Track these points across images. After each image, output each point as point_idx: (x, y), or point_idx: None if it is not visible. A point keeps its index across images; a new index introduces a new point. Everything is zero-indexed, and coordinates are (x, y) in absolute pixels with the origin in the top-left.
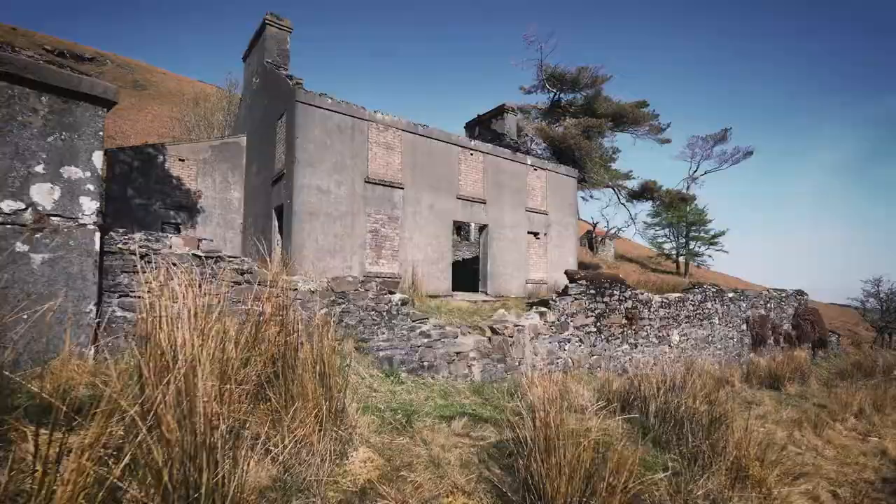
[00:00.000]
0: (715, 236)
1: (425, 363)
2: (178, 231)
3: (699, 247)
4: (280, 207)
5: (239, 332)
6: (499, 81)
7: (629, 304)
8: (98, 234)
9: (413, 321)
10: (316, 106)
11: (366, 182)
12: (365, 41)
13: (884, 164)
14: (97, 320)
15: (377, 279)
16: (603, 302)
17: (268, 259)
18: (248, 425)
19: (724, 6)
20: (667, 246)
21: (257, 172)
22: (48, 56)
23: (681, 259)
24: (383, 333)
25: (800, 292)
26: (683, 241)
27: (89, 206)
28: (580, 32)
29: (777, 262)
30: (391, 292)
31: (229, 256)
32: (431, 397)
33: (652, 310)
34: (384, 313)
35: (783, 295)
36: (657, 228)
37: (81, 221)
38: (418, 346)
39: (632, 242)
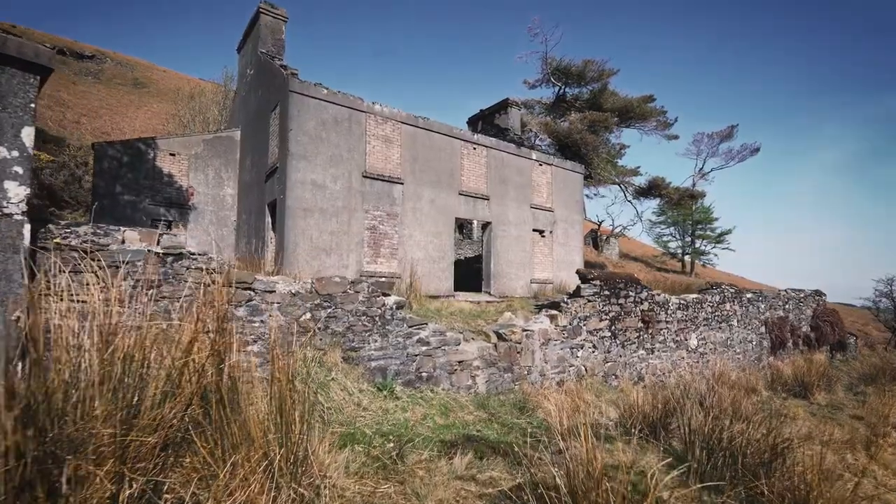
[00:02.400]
0: (722, 234)
1: (424, 374)
2: (170, 228)
3: (705, 245)
4: (273, 203)
5: (160, 355)
6: (501, 80)
7: (645, 305)
8: (28, 227)
9: (410, 327)
10: (310, 96)
11: (363, 177)
12: (364, 39)
13: (884, 164)
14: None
15: (373, 279)
16: (618, 304)
17: (259, 257)
18: (165, 487)
19: (724, 5)
20: (672, 244)
21: (251, 167)
22: None
23: (686, 258)
24: (376, 341)
25: (818, 292)
26: (689, 239)
27: (16, 193)
28: (581, 31)
29: (779, 261)
30: (385, 294)
31: (194, 253)
32: (430, 415)
33: (669, 312)
34: (377, 318)
35: (801, 295)
36: (662, 227)
37: (6, 210)
38: (416, 355)
39: (636, 241)
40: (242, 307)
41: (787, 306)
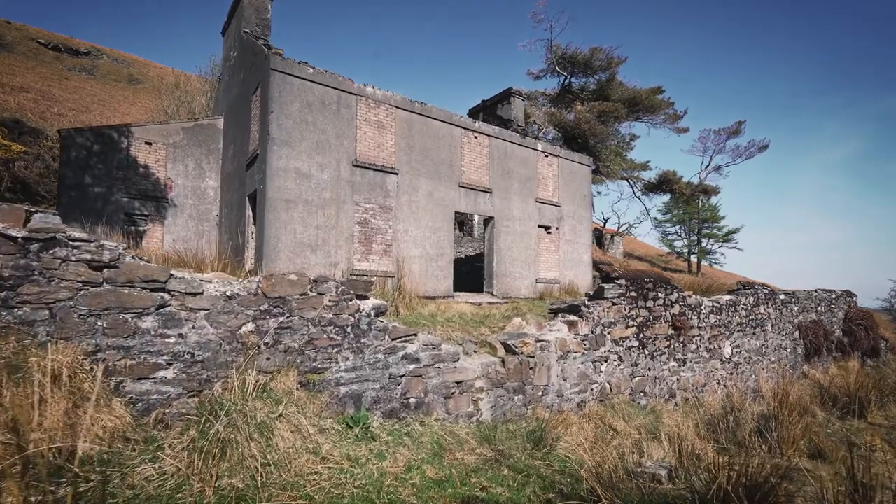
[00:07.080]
0: (729, 233)
1: (411, 401)
2: (146, 223)
3: (712, 244)
4: (254, 194)
5: None
6: (502, 79)
7: (676, 309)
8: None
9: (394, 339)
10: (294, 76)
11: (353, 166)
12: (363, 37)
13: (884, 163)
14: None
15: (364, 278)
16: (645, 307)
17: (235, 253)
18: None
19: (723, 4)
20: (678, 244)
21: (233, 157)
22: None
23: (693, 258)
24: (347, 360)
25: (848, 293)
26: (695, 238)
27: None
28: (580, 29)
29: (781, 261)
30: (360, 297)
31: (76, 240)
32: (417, 463)
33: (702, 316)
34: (349, 329)
35: (832, 297)
36: (668, 226)
37: None
38: (401, 376)
39: (639, 241)
40: (150, 316)
41: (819, 308)
